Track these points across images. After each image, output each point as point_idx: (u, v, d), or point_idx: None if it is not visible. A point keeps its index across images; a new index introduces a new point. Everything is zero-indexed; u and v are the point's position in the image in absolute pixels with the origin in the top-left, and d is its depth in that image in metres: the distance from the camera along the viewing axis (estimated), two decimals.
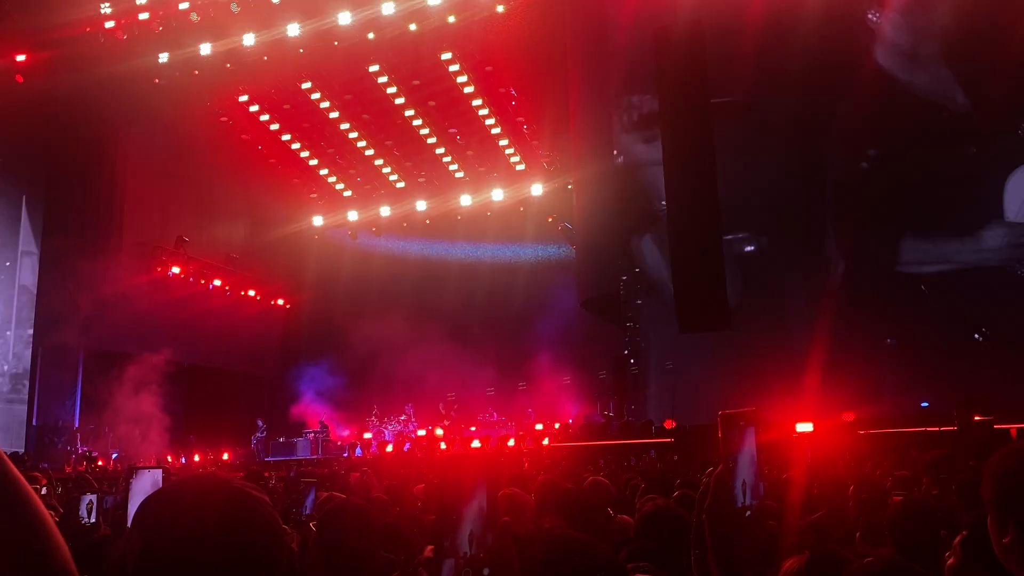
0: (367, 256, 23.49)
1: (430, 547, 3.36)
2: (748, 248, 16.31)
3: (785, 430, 13.41)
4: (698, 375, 15.37)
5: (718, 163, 12.80)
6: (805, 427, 12.78)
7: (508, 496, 3.88)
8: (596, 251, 17.33)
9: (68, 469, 14.97)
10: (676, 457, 12.67)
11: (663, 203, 14.22)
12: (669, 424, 14.79)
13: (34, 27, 18.12)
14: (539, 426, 17.48)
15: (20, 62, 18.12)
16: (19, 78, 18.26)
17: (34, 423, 17.71)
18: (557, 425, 17.40)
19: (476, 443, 16.01)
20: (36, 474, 7.45)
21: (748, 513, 1.96)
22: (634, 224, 16.47)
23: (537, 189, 21.87)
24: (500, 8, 16.82)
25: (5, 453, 1.14)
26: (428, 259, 22.71)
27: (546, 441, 15.59)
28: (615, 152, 16.66)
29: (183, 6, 17.32)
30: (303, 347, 24.16)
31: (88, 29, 17.72)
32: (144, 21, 17.61)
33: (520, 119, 20.77)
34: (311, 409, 21.48)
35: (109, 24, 17.65)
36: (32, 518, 1.10)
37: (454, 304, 21.88)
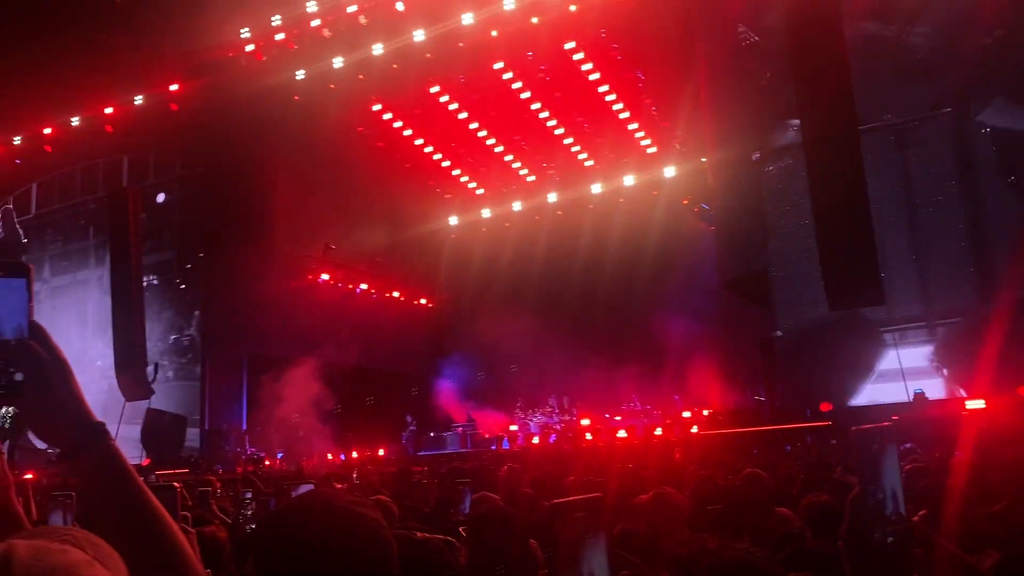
0: (502, 251, 23.75)
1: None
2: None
3: (953, 407, 12.53)
4: (845, 355, 14.61)
5: None
6: (976, 404, 11.90)
7: (659, 497, 3.78)
8: (738, 231, 16.75)
9: (239, 470, 15.96)
10: (834, 441, 12.09)
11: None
12: (825, 407, 14.13)
13: (182, 57, 19.43)
14: (687, 413, 17.10)
15: (173, 91, 19.48)
16: (173, 106, 19.64)
17: (206, 427, 18.99)
18: (706, 412, 16.95)
19: (622, 433, 15.85)
20: (211, 477, 7.94)
21: (890, 540, 1.76)
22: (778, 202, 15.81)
23: (670, 172, 21.41)
24: None
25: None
26: (560, 249, 22.69)
27: (695, 429, 15.22)
28: (754, 153, 15.97)
29: (315, 23, 18.06)
30: (446, 343, 24.78)
31: (231, 54, 18.82)
32: (280, 41, 18.50)
33: (649, 102, 20.36)
34: (457, 403, 21.99)
35: (249, 48, 18.66)
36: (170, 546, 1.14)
37: (589, 293, 21.82)
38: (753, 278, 16.96)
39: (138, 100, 20.08)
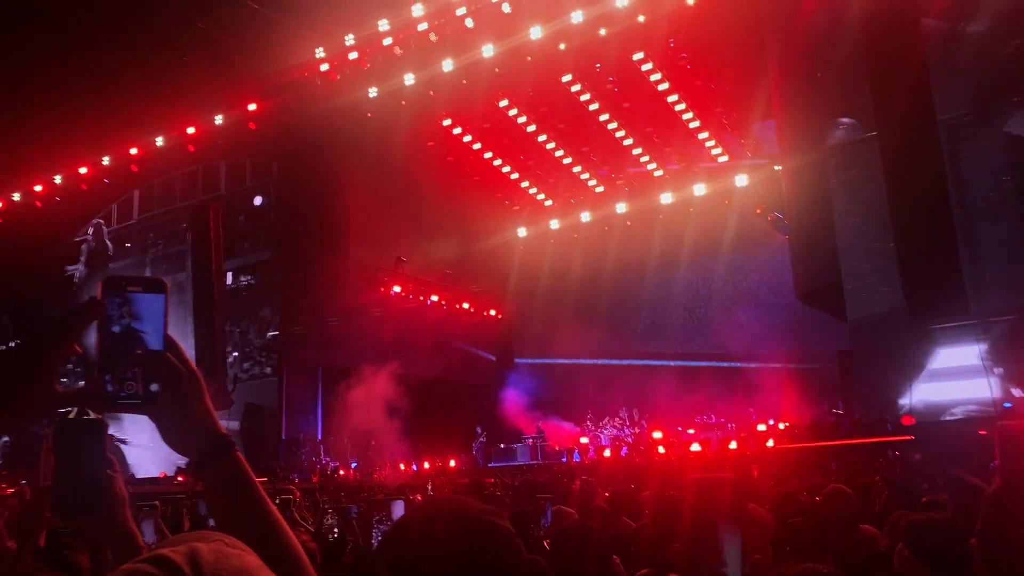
0: (570, 262, 23.72)
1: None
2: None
3: None
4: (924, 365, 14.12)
5: None
6: None
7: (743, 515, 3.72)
8: (813, 241, 16.36)
9: (315, 479, 16.28)
10: (918, 457, 11.68)
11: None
12: (907, 421, 13.67)
13: (259, 77, 20.07)
14: (762, 427, 16.76)
15: (251, 111, 20.12)
16: (252, 125, 20.28)
17: (283, 436, 19.44)
18: (782, 425, 16.58)
19: (696, 446, 15.61)
20: (291, 487, 8.13)
21: None
22: (851, 210, 15.40)
23: (742, 180, 21.10)
24: (690, 0, 16.42)
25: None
26: (630, 260, 22.54)
27: (771, 443, 14.90)
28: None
29: (387, 42, 18.44)
30: (515, 355, 24.86)
31: (306, 73, 19.35)
32: (354, 60, 18.94)
33: (719, 109, 20.12)
34: (526, 415, 22.01)
35: (324, 67, 19.16)
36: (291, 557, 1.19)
37: (660, 304, 21.64)
38: (828, 288, 16.53)
39: (218, 120, 20.78)
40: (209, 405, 1.22)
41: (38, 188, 24.35)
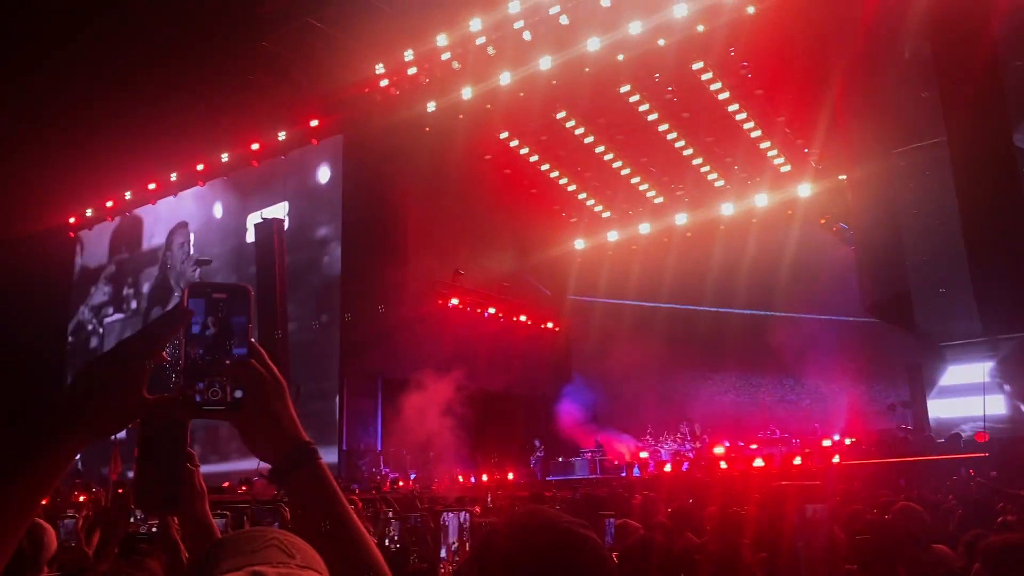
0: (629, 274, 23.54)
1: None
2: None
3: None
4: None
5: None
6: None
7: None
8: (881, 252, 15.95)
9: (373, 491, 16.42)
10: (994, 474, 11.26)
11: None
12: (981, 437, 13.20)
13: (321, 94, 20.50)
14: (827, 442, 16.35)
15: (313, 127, 20.55)
16: (314, 141, 20.71)
17: (343, 447, 19.67)
18: (849, 441, 16.15)
19: (759, 462, 15.31)
20: (353, 497, 8.21)
21: None
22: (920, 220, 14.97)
23: (806, 190, 20.70)
24: (751, 9, 16.23)
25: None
26: (690, 272, 22.26)
27: (837, 459, 14.52)
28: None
29: (445, 56, 18.65)
30: (573, 367, 24.75)
31: (366, 89, 19.69)
32: (412, 76, 19.20)
33: (781, 119, 19.79)
34: (585, 428, 21.86)
35: (383, 83, 19.47)
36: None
37: (721, 316, 21.33)
38: (896, 300, 16.08)
39: (281, 136, 21.26)
40: (293, 412, 1.23)
41: (109, 204, 25.24)
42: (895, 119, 14.85)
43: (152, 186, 24.08)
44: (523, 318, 23.85)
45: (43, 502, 1.13)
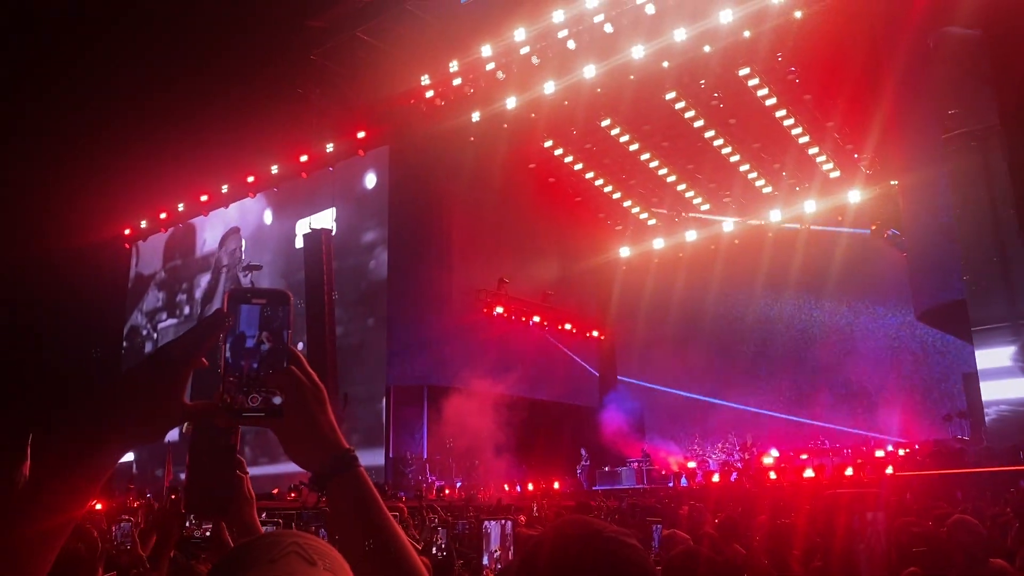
0: (675, 282, 23.35)
1: None
2: None
3: None
4: None
5: None
6: None
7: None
8: (934, 258, 15.59)
9: (419, 499, 16.48)
10: None
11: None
12: None
13: (368, 105, 20.78)
14: (880, 452, 16.00)
15: (360, 139, 20.82)
16: (360, 152, 20.98)
17: (389, 455, 19.82)
18: (902, 452, 15.79)
19: (809, 472, 15.04)
20: (401, 505, 8.27)
21: None
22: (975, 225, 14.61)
23: (855, 196, 20.34)
24: (798, 14, 16.03)
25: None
26: (738, 279, 21.99)
27: (890, 470, 14.20)
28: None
29: (490, 66, 18.75)
30: (619, 376, 24.61)
31: (412, 100, 19.89)
32: (457, 87, 19.35)
33: (830, 124, 19.49)
34: (631, 437, 21.72)
35: (429, 94, 19.65)
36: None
37: (769, 324, 21.03)
38: (950, 307, 15.69)
39: (329, 148, 21.58)
40: (332, 419, 1.22)
41: (162, 215, 25.85)
42: (945, 113, 14.54)
43: (204, 198, 24.60)
44: (568, 326, 23.80)
45: (88, 506, 1.15)
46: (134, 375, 1.13)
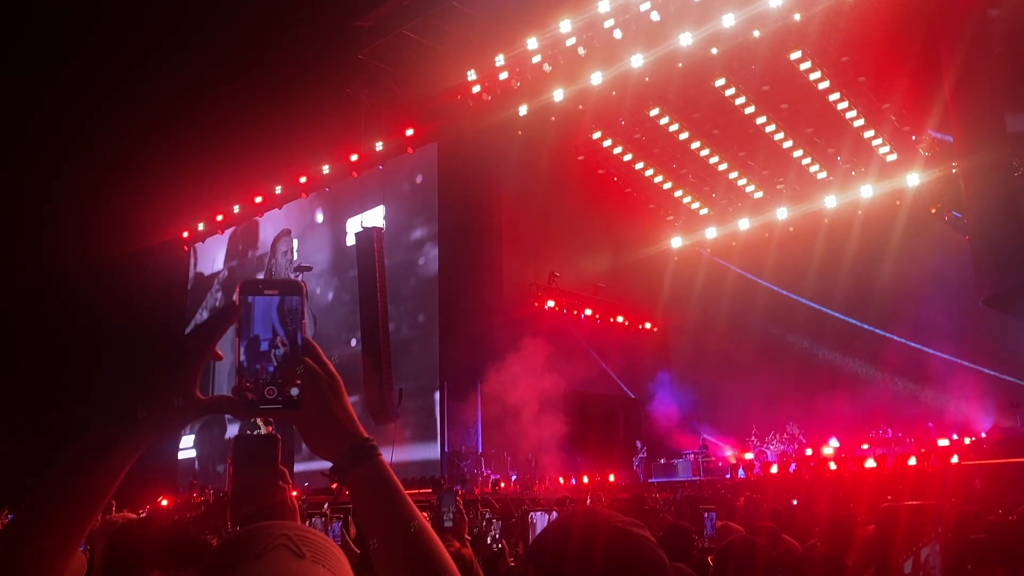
0: (728, 271, 23.04)
1: None
2: None
3: None
4: None
5: None
6: None
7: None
8: (998, 240, 15.08)
9: (476, 491, 16.60)
10: None
11: None
12: None
13: (416, 103, 20.93)
14: (944, 441, 15.57)
15: (409, 136, 20.97)
16: (409, 150, 21.13)
17: (444, 449, 19.97)
18: (968, 440, 15.35)
19: (871, 462, 14.71)
20: (457, 499, 8.31)
21: None
22: None
23: (914, 180, 19.79)
24: None
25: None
26: (793, 267, 21.57)
27: (955, 459, 13.82)
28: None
29: (536, 59, 18.71)
30: (674, 368, 24.38)
31: (459, 96, 19.96)
32: (504, 80, 19.35)
33: (886, 106, 19.00)
34: (687, 429, 21.52)
35: (475, 89, 19.69)
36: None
37: (823, 312, 20.63)
38: (1017, 291, 15.18)
39: (378, 146, 21.79)
40: (350, 408, 1.21)
41: (219, 218, 26.43)
42: (1007, 90, 14.03)
43: (258, 199, 25.06)
44: (620, 319, 23.65)
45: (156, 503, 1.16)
46: (145, 372, 1.13)
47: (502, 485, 18.10)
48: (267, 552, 1.04)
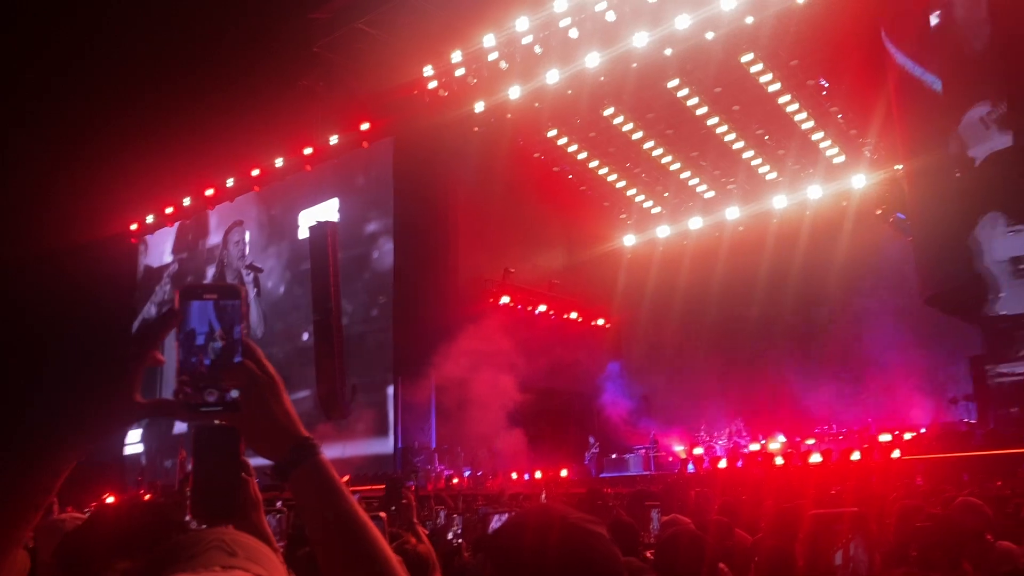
0: (679, 269, 23.33)
1: None
2: None
3: None
4: None
5: None
6: None
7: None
8: (940, 242, 15.57)
9: (429, 487, 16.60)
10: None
11: None
12: None
13: (372, 97, 20.78)
14: (886, 437, 16.01)
15: (364, 131, 20.83)
16: (364, 144, 20.99)
17: (398, 445, 19.93)
18: (908, 436, 15.82)
19: (816, 457, 15.08)
20: (410, 494, 8.33)
21: None
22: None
23: (860, 181, 20.29)
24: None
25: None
26: (743, 265, 21.95)
27: (896, 454, 14.24)
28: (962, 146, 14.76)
29: (492, 56, 18.73)
30: (626, 364, 24.62)
31: (415, 91, 19.88)
32: (460, 77, 19.33)
33: (834, 109, 19.44)
34: (638, 424, 21.77)
35: (432, 84, 19.63)
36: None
37: (774, 310, 21.02)
38: (958, 291, 15.69)
39: (333, 140, 21.59)
40: (290, 408, 1.23)
41: (169, 210, 25.93)
42: (948, 95, 14.48)
43: (209, 192, 24.65)
44: (574, 315, 23.83)
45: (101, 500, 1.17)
46: (88, 374, 1.14)
47: (455, 481, 18.12)
48: (202, 552, 1.05)
